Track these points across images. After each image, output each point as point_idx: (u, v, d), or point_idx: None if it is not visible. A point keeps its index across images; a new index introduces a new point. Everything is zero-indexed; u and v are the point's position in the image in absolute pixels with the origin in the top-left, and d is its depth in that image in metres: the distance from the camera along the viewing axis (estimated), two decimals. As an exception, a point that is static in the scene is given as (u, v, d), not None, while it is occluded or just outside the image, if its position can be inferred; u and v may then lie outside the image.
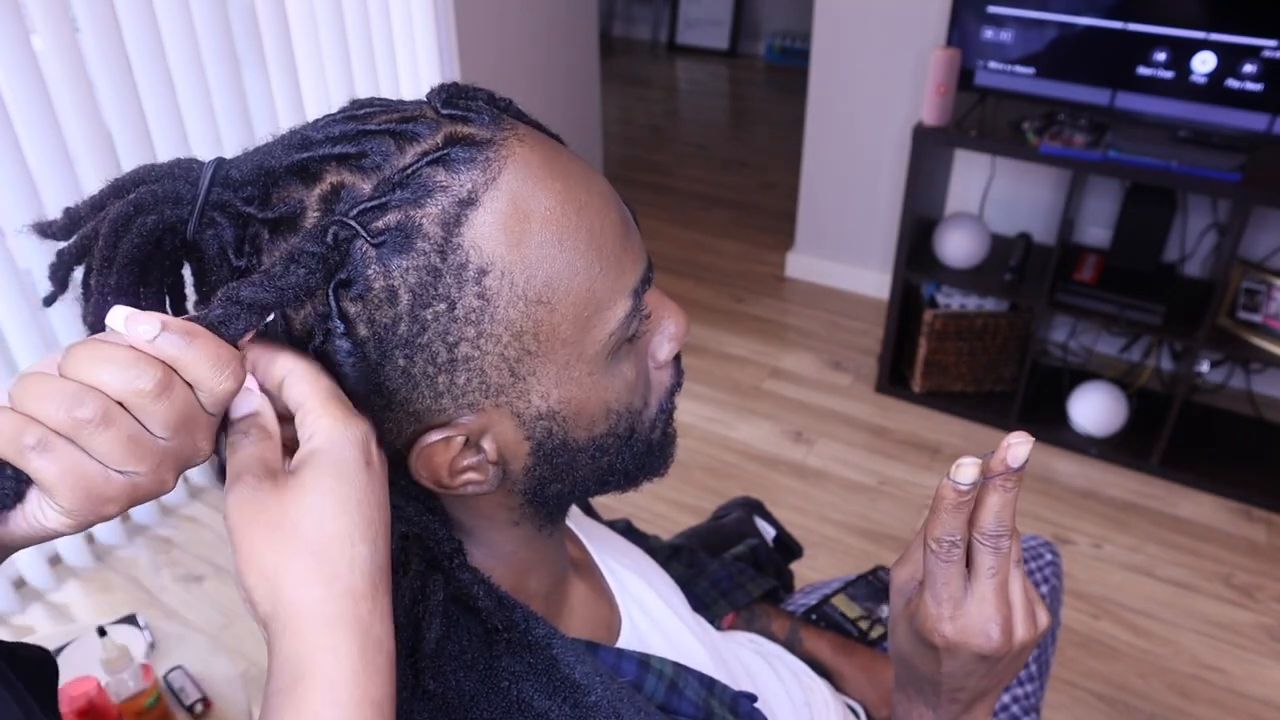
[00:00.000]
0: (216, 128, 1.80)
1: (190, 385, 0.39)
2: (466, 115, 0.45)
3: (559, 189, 0.45)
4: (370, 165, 0.43)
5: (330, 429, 0.41)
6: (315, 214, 0.43)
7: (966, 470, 0.48)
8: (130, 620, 1.44)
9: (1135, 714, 1.59)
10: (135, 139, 1.66)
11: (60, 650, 1.33)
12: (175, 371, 0.38)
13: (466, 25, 2.31)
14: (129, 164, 1.67)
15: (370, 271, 0.42)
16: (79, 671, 1.23)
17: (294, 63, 1.93)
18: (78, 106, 1.55)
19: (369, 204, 0.42)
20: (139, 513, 1.93)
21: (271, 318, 0.44)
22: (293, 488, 0.40)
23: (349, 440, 0.41)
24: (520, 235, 0.44)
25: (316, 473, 0.41)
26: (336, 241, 0.42)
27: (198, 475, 2.02)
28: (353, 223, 0.42)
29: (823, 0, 2.40)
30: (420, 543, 0.49)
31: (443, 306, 0.43)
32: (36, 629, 1.73)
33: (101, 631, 1.25)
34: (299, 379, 0.42)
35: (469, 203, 0.43)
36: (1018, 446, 0.48)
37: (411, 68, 2.24)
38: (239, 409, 0.43)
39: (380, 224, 0.42)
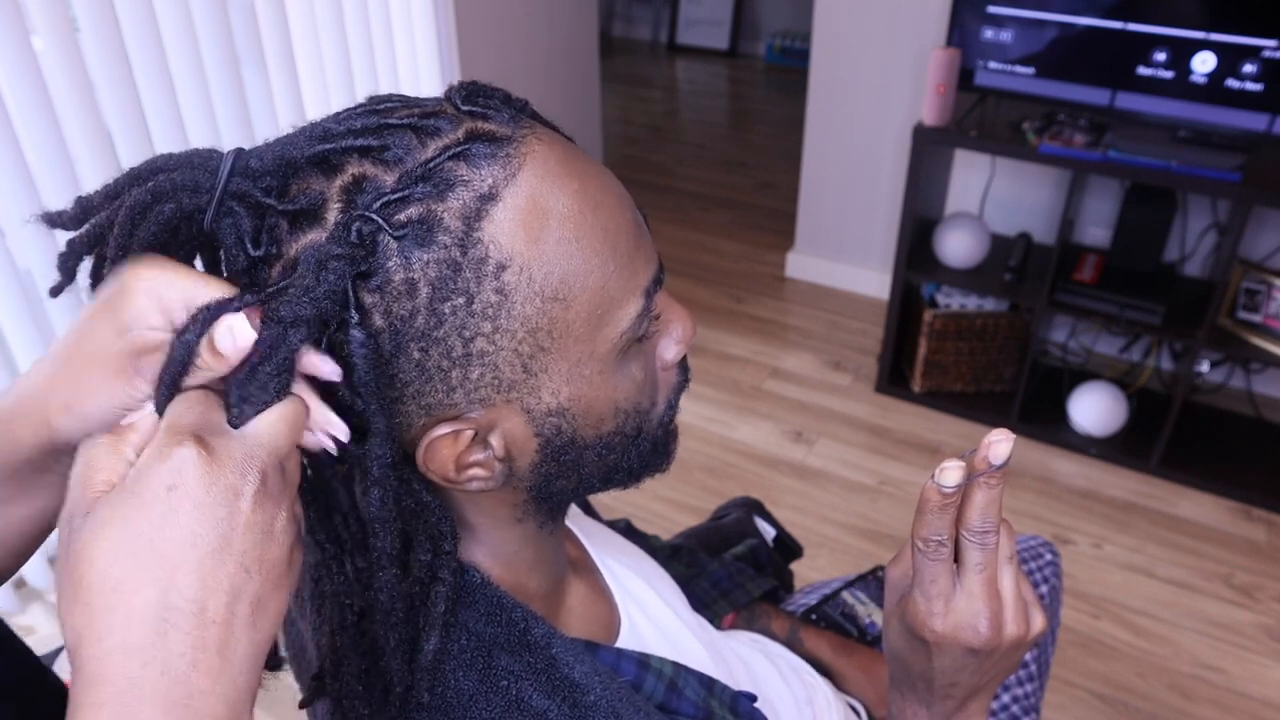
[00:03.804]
0: (216, 128, 1.80)
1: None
2: (486, 112, 0.45)
3: (576, 188, 0.46)
4: (392, 158, 0.43)
5: (141, 462, 0.38)
6: (337, 205, 0.43)
7: (950, 473, 0.48)
8: (130, 620, 1.45)
9: (1135, 714, 1.59)
10: (135, 139, 1.66)
11: (60, 650, 1.33)
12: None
13: (466, 25, 2.31)
14: (129, 164, 1.66)
15: (391, 264, 0.42)
16: (79, 671, 1.23)
17: (294, 63, 1.93)
18: (78, 106, 1.55)
19: (391, 196, 0.42)
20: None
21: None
22: (82, 533, 0.37)
23: (154, 469, 0.37)
24: (539, 232, 0.44)
25: (105, 512, 0.36)
26: (361, 238, 0.42)
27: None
28: (375, 217, 0.42)
29: (823, 0, 2.40)
30: (424, 541, 0.49)
31: (461, 300, 0.43)
32: (37, 629, 1.73)
33: (101, 631, 1.26)
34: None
35: (489, 198, 0.43)
36: (999, 444, 0.48)
37: (411, 68, 2.24)
38: None
39: (402, 217, 0.42)
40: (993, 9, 1.87)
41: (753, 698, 0.64)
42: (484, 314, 0.44)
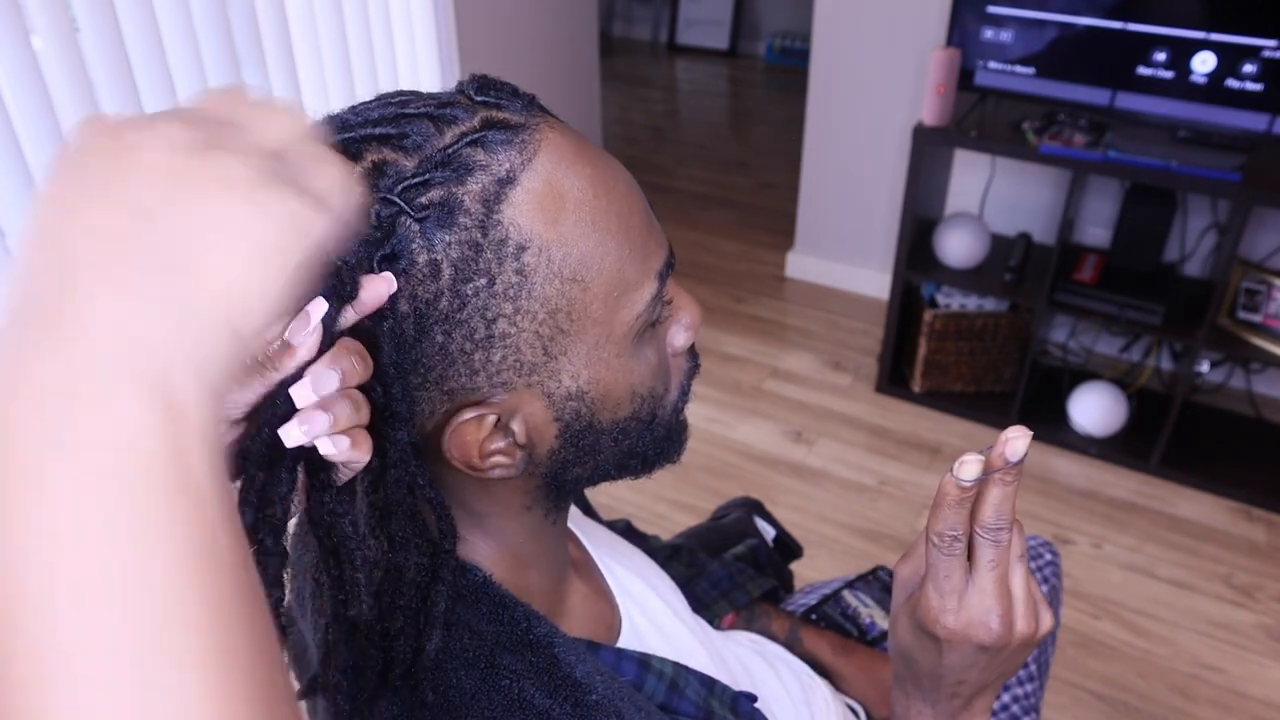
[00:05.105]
0: (216, 128, 1.80)
1: None
2: (499, 102, 0.47)
3: (589, 173, 0.47)
4: (411, 145, 0.44)
5: (337, 175, 0.34)
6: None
7: (969, 467, 0.49)
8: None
9: (1135, 714, 1.59)
10: (135, 139, 1.66)
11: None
12: None
13: (466, 25, 2.31)
14: (129, 164, 1.66)
15: (414, 246, 0.43)
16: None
17: (294, 63, 1.93)
18: (78, 107, 1.55)
19: (412, 181, 0.43)
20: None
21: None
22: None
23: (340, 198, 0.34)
24: (556, 214, 0.45)
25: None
26: (380, 220, 0.43)
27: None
28: (397, 199, 0.43)
29: (823, 0, 2.40)
30: (421, 541, 0.49)
31: (483, 281, 0.44)
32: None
33: (101, 631, 1.25)
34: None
35: (507, 181, 0.44)
36: (1015, 441, 0.49)
37: (411, 68, 2.24)
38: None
39: (424, 200, 0.43)
40: (993, 9, 1.87)
41: (753, 698, 0.64)
42: (505, 295, 0.45)
